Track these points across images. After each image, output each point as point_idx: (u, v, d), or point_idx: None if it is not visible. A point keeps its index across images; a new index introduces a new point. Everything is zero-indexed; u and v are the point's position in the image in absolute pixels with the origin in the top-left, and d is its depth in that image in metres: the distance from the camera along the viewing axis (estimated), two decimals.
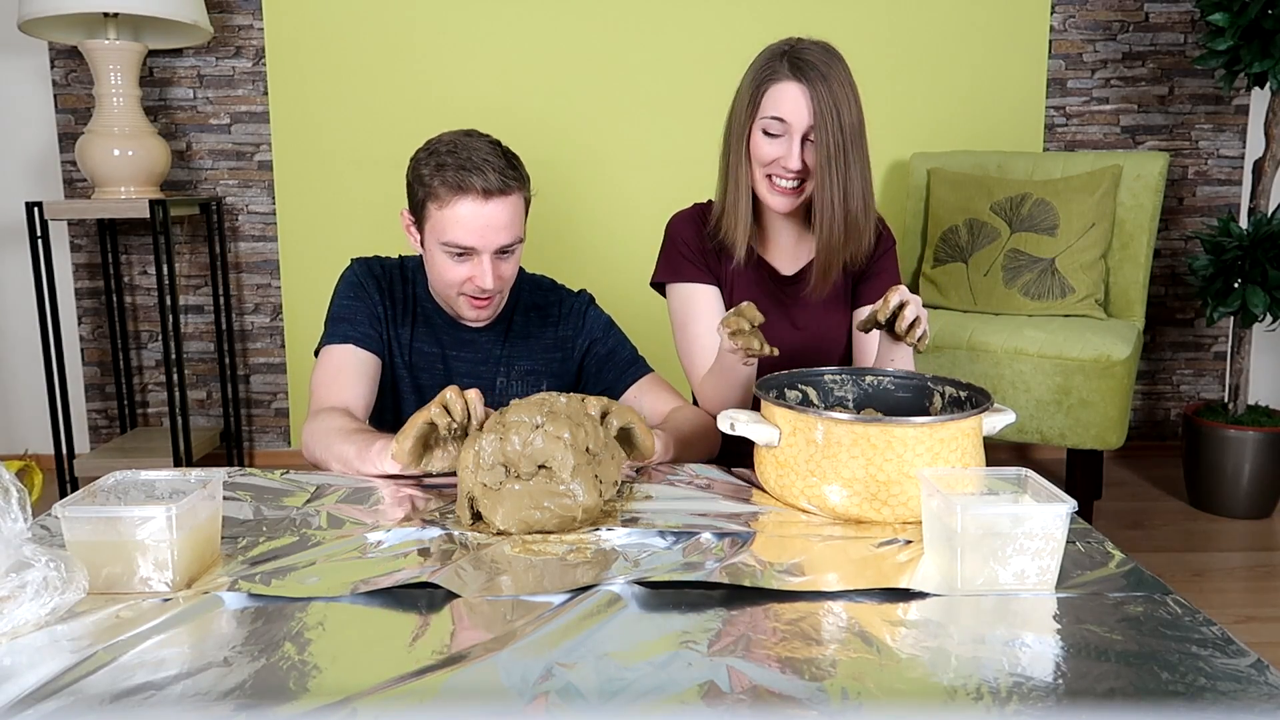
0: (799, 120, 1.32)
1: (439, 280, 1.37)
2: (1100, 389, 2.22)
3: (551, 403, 1.03)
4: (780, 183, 1.36)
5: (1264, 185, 2.55)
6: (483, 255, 1.32)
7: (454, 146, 1.31)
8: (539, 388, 1.47)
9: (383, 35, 2.85)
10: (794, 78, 1.31)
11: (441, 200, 1.30)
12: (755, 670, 0.71)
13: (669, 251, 1.50)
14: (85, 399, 3.04)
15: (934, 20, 2.88)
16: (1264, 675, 0.70)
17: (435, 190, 1.30)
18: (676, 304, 1.49)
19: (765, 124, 1.34)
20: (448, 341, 1.45)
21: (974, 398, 1.14)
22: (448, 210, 1.30)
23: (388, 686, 0.69)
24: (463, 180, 1.28)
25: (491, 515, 0.99)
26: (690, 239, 1.47)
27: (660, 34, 2.88)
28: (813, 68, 1.30)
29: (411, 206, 1.38)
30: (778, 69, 1.32)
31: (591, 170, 2.93)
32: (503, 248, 1.33)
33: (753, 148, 1.36)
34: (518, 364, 1.46)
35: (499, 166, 1.30)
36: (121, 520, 0.85)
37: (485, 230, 1.30)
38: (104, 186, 2.58)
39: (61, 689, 0.69)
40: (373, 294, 1.42)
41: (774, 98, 1.33)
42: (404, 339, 1.44)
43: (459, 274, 1.34)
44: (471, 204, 1.29)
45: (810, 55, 1.32)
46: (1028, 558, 0.85)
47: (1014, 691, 0.68)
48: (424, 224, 1.35)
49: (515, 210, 1.33)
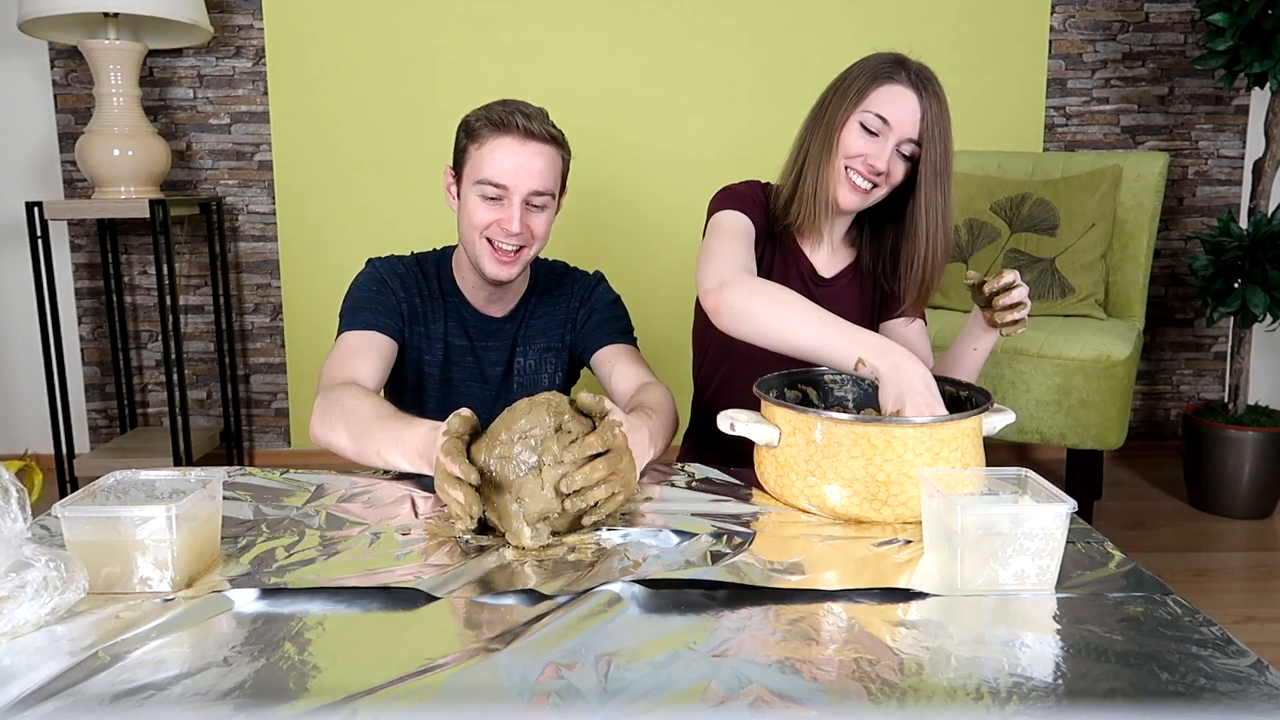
0: (903, 125, 1.31)
1: (467, 224, 1.38)
2: (1100, 389, 2.22)
3: (557, 404, 1.02)
4: (857, 180, 1.35)
5: (1264, 185, 2.55)
6: (514, 197, 1.34)
7: (502, 101, 1.36)
8: (551, 367, 1.50)
9: (383, 35, 2.85)
10: (911, 85, 1.31)
11: (482, 140, 1.34)
12: (755, 670, 0.71)
13: (739, 194, 1.44)
14: (85, 399, 3.04)
15: (934, 20, 2.89)
16: (1264, 675, 0.70)
17: (478, 132, 1.34)
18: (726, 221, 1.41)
19: (866, 118, 1.33)
20: (475, 333, 1.47)
21: (974, 398, 1.14)
22: (486, 148, 1.33)
23: (388, 686, 0.69)
24: (506, 118, 1.32)
25: (505, 521, 0.98)
26: (760, 202, 1.45)
27: (660, 34, 2.87)
28: (930, 83, 1.32)
29: (455, 161, 1.41)
30: (896, 72, 1.32)
31: (591, 170, 2.93)
32: (534, 194, 1.34)
33: (843, 138, 1.35)
34: (535, 342, 1.49)
35: (542, 117, 1.36)
36: (121, 520, 0.85)
37: (519, 171, 1.33)
38: (104, 186, 2.58)
39: (61, 689, 0.69)
40: (397, 290, 1.43)
41: (884, 97, 1.32)
42: (437, 333, 1.46)
43: (488, 216, 1.35)
44: (511, 141, 1.32)
45: (927, 74, 1.33)
46: (1028, 558, 0.85)
47: (1014, 691, 0.68)
48: (463, 171, 1.38)
49: (552, 161, 1.36)
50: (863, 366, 1.12)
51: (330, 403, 1.23)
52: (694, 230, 1.54)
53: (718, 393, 1.54)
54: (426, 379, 1.47)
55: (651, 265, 2.97)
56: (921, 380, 1.08)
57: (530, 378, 1.50)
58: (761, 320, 1.21)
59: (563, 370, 1.52)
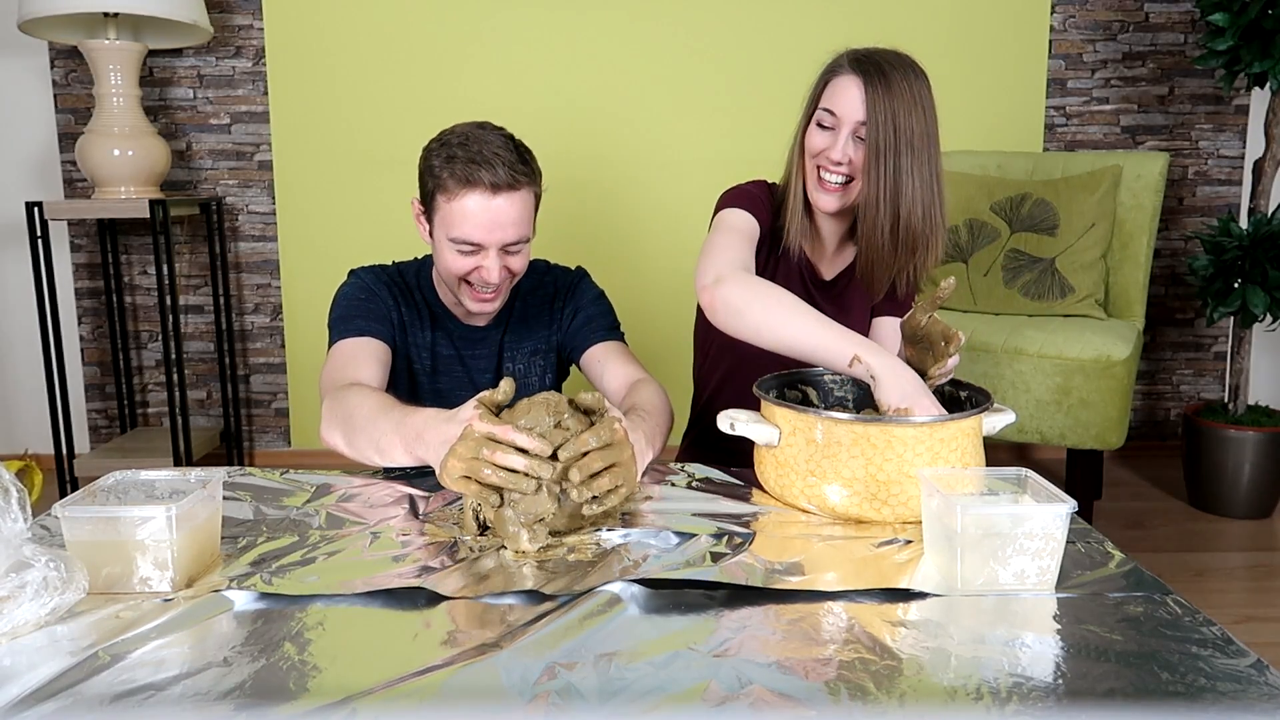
0: (851, 113, 1.30)
1: (445, 269, 1.36)
2: (1100, 389, 2.22)
3: (556, 403, 1.02)
4: (827, 178, 1.35)
5: (1264, 185, 2.55)
6: (489, 250, 1.31)
7: (465, 139, 1.30)
8: (540, 367, 1.49)
9: (383, 35, 2.85)
10: (852, 72, 1.30)
11: (450, 193, 1.29)
12: (755, 670, 0.71)
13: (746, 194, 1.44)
14: (85, 399, 3.04)
15: (934, 20, 2.89)
16: (1264, 675, 0.70)
17: (444, 182, 1.30)
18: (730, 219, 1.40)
19: (821, 115, 1.34)
20: (461, 343, 1.46)
21: (974, 398, 1.14)
22: (455, 204, 1.29)
23: (388, 686, 0.69)
24: (471, 174, 1.27)
25: (500, 526, 0.98)
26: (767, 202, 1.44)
27: (660, 34, 2.87)
28: (876, 67, 1.29)
29: (422, 196, 1.37)
30: (841, 64, 1.33)
31: (592, 169, 2.93)
32: (509, 244, 1.32)
33: (806, 140, 1.36)
34: (522, 346, 1.48)
35: (509, 161, 1.29)
36: (121, 520, 0.85)
37: (492, 226, 1.29)
38: (104, 186, 2.58)
39: (61, 689, 0.69)
40: (385, 299, 1.41)
41: (831, 90, 1.33)
42: (424, 341, 1.44)
43: (465, 265, 1.33)
44: (479, 198, 1.28)
45: (878, 57, 1.31)
46: (1028, 558, 0.85)
47: (1014, 691, 0.68)
48: (433, 215, 1.34)
49: (524, 206, 1.32)
50: (858, 364, 1.12)
51: (336, 403, 1.22)
52: (695, 231, 1.54)
53: (718, 393, 1.54)
54: (419, 388, 1.46)
55: (652, 266, 2.97)
56: (915, 382, 1.09)
57: (520, 383, 1.49)
58: (756, 318, 1.21)
59: (552, 371, 1.51)
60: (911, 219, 1.31)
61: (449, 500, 1.10)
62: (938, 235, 1.35)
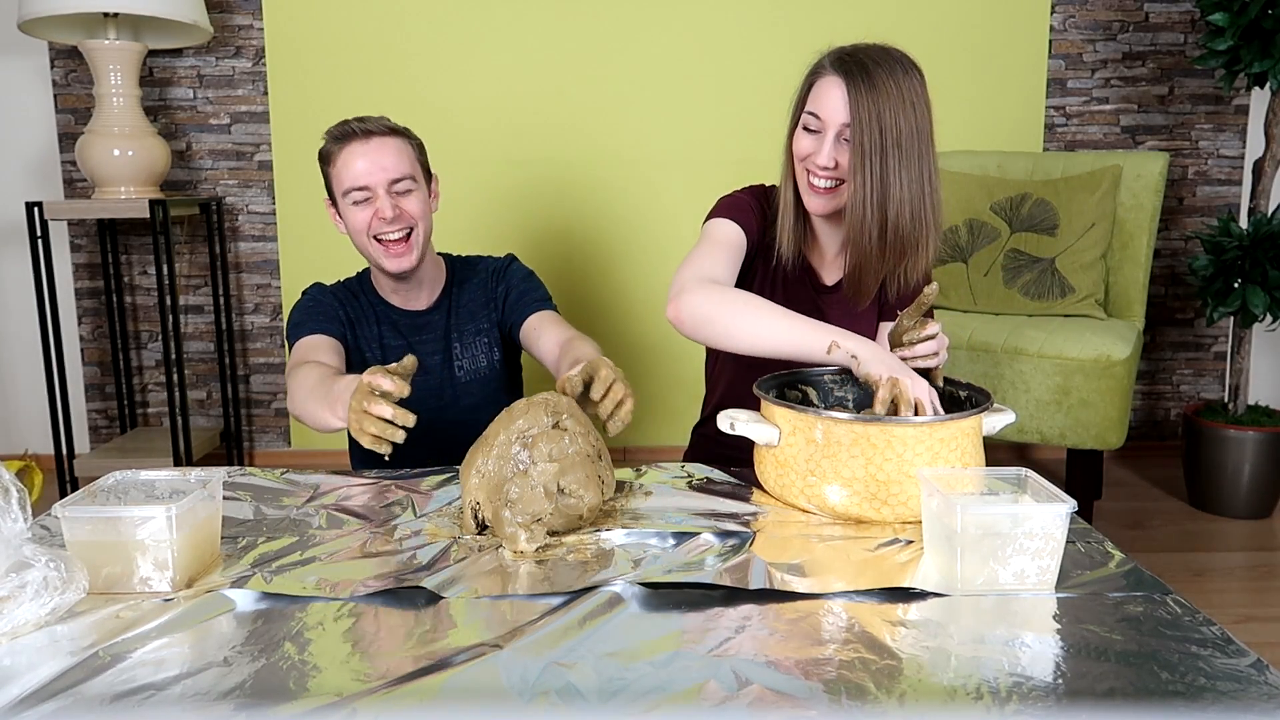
0: (834, 115, 1.28)
1: (354, 232, 1.48)
2: (1100, 389, 2.22)
3: (555, 403, 1.02)
4: (816, 181, 1.33)
5: (1264, 185, 2.54)
6: (378, 190, 1.44)
7: (344, 122, 1.47)
8: (486, 345, 1.61)
9: (383, 35, 2.85)
10: (835, 73, 1.28)
11: (333, 157, 1.46)
12: (755, 670, 0.71)
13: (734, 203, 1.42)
14: (85, 399, 3.04)
15: (934, 20, 2.89)
16: (1264, 675, 0.70)
17: (329, 152, 1.46)
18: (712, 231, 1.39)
19: (806, 119, 1.32)
20: (407, 330, 1.57)
21: (974, 397, 1.14)
22: (339, 162, 1.45)
23: (388, 686, 0.69)
24: (345, 131, 1.45)
25: (499, 526, 0.98)
26: (758, 210, 1.42)
27: (660, 34, 2.87)
28: (860, 66, 1.26)
29: (327, 191, 1.51)
30: (823, 66, 1.31)
31: (592, 169, 2.93)
32: (394, 182, 1.44)
33: (794, 145, 1.35)
34: (465, 328, 1.60)
35: (381, 120, 1.47)
36: (121, 520, 0.85)
37: (373, 167, 1.43)
38: (104, 186, 2.58)
39: (61, 689, 0.69)
40: (333, 304, 1.54)
41: (815, 93, 1.31)
42: (373, 335, 1.57)
43: (364, 216, 1.45)
44: (356, 145, 1.44)
45: (862, 55, 1.28)
46: (1028, 558, 0.85)
47: (1014, 691, 0.68)
48: (334, 195, 1.49)
49: (400, 149, 1.46)
50: (837, 349, 1.13)
51: (291, 383, 1.35)
52: (695, 230, 1.54)
53: (726, 394, 1.54)
54: None
55: (653, 266, 2.96)
56: (896, 360, 1.13)
57: (470, 360, 1.59)
58: (724, 324, 1.22)
59: (498, 347, 1.62)
60: (900, 221, 1.28)
61: (447, 501, 1.10)
62: (929, 237, 1.32)
